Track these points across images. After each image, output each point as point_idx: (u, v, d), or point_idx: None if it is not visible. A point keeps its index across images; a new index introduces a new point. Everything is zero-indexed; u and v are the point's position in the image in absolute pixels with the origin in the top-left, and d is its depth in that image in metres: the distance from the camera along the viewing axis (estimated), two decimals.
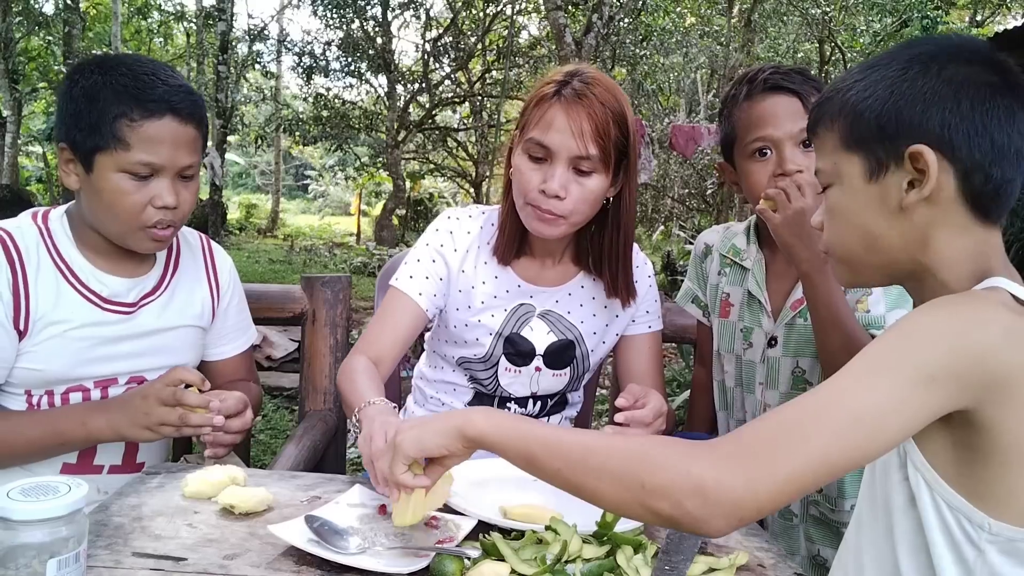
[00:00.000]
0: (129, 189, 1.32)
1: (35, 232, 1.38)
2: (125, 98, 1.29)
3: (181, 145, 1.34)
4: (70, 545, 0.80)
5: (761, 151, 1.47)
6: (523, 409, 1.63)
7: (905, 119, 0.86)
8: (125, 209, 1.33)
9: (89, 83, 1.31)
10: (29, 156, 22.34)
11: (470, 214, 1.62)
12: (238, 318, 1.65)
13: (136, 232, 1.36)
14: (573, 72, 1.43)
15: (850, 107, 0.90)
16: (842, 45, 13.56)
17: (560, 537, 0.99)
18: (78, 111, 1.31)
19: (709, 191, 13.87)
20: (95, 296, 1.39)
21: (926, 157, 0.84)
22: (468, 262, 1.57)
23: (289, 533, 0.99)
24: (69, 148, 1.34)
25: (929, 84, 0.86)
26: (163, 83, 1.33)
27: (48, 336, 1.35)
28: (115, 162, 1.31)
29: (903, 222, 0.88)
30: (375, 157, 18.67)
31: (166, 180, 1.34)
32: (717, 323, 1.68)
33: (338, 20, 16.07)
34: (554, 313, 1.58)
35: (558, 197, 1.39)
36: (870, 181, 0.89)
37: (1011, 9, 14.52)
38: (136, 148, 1.30)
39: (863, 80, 0.90)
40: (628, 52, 13.32)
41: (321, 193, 32.70)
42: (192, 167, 1.38)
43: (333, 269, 12.22)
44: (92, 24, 18.65)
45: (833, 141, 0.92)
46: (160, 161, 1.32)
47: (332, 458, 1.93)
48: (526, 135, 1.43)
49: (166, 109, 1.31)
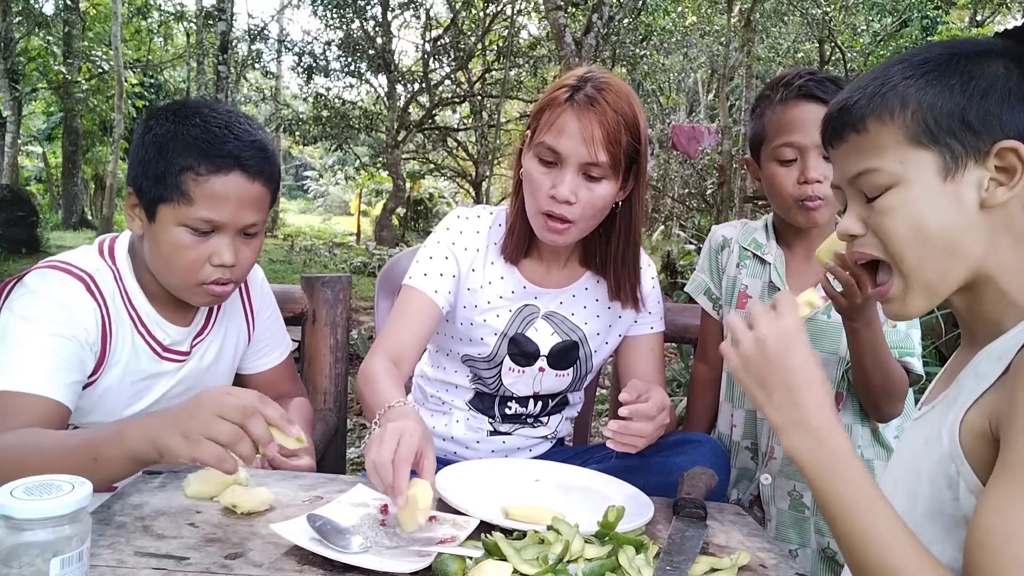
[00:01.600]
0: (188, 244, 1.29)
1: (110, 275, 1.35)
2: (194, 151, 1.26)
3: (246, 203, 1.31)
4: (73, 544, 0.80)
5: (786, 156, 1.51)
6: (524, 408, 1.63)
7: (992, 114, 0.83)
8: (182, 265, 1.30)
9: (162, 131, 1.29)
10: (29, 156, 22.34)
11: (479, 214, 1.62)
12: (273, 329, 1.65)
13: (192, 288, 1.33)
14: (586, 77, 1.43)
15: (918, 100, 0.85)
16: (842, 45, 13.55)
17: (562, 537, 0.99)
18: (147, 159, 1.29)
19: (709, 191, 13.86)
20: (158, 345, 1.40)
21: (1020, 153, 0.81)
22: (477, 261, 1.57)
23: (291, 532, 0.99)
24: (135, 194, 1.32)
25: (1008, 82, 0.83)
26: (235, 138, 1.29)
27: (112, 380, 1.34)
28: (177, 215, 1.28)
29: (979, 224, 0.84)
30: (375, 157, 18.67)
31: (227, 238, 1.31)
32: (732, 315, 1.70)
33: (338, 20, 16.07)
34: (558, 314, 1.58)
35: (568, 203, 1.40)
36: (945, 180, 0.84)
37: (1011, 9, 14.51)
38: (199, 204, 1.27)
39: (921, 76, 0.85)
40: (628, 52, 13.32)
41: (321, 193, 32.70)
42: (256, 225, 1.35)
43: (333, 269, 12.22)
44: (92, 24, 18.64)
45: (895, 137, 0.85)
46: (222, 219, 1.29)
47: (332, 458, 1.93)
48: (537, 139, 1.43)
49: (234, 165, 1.28)
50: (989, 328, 0.88)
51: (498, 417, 1.63)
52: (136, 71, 19.63)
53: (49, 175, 22.33)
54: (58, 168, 20.43)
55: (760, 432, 1.66)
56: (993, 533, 0.73)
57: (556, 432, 1.70)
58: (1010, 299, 0.85)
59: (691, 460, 1.37)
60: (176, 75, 22.68)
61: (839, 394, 1.59)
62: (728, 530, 1.19)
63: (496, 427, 1.64)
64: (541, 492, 1.28)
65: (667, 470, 1.38)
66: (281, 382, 1.66)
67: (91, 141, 20.19)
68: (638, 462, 1.48)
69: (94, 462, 1.07)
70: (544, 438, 1.69)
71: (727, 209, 10.97)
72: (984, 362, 0.85)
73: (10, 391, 1.19)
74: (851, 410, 1.59)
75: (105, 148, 20.24)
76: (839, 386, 1.58)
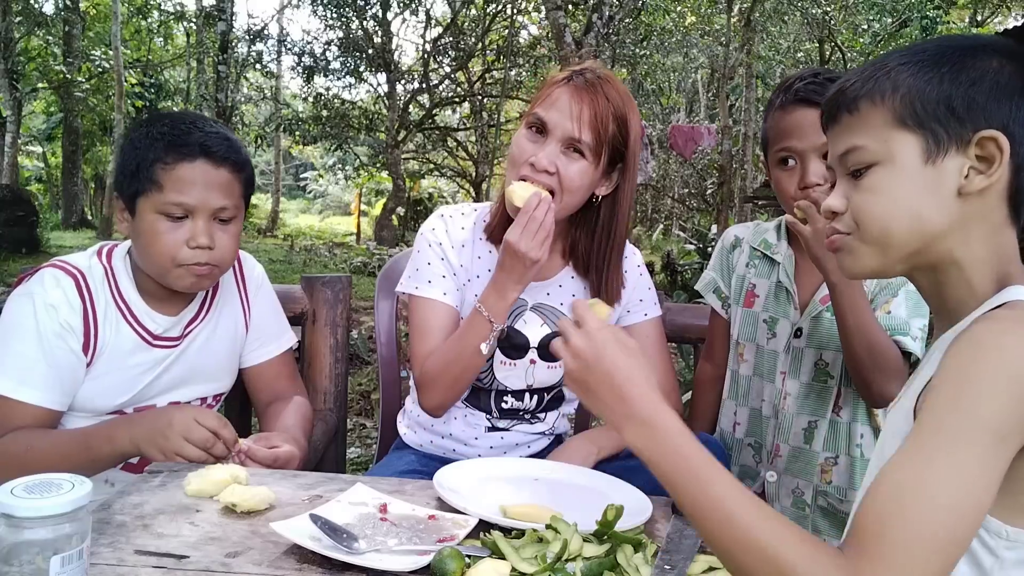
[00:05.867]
0: (164, 229, 1.39)
1: (101, 271, 1.47)
2: (161, 144, 1.39)
3: (213, 187, 1.40)
4: (73, 542, 0.80)
5: (786, 160, 1.53)
6: (520, 403, 1.64)
7: (978, 104, 0.84)
8: (160, 249, 1.40)
9: (136, 135, 1.43)
10: (29, 156, 22.34)
11: (463, 211, 1.65)
12: (270, 321, 1.68)
13: (173, 269, 1.41)
14: (590, 67, 1.49)
15: (908, 85, 0.87)
16: (842, 45, 13.56)
17: (560, 536, 0.99)
18: (124, 160, 1.42)
19: (709, 191, 13.87)
20: (147, 333, 1.48)
21: (1000, 143, 0.83)
22: (465, 257, 1.59)
23: (291, 531, 0.99)
24: (119, 195, 1.45)
25: (999, 76, 0.85)
26: (199, 131, 1.41)
27: (105, 368, 1.44)
28: (152, 204, 1.39)
29: (955, 209, 0.85)
30: (375, 157, 18.66)
31: (200, 221, 1.40)
32: (740, 312, 1.73)
33: (338, 20, 16.07)
34: (546, 305, 1.60)
35: (547, 172, 1.44)
36: (925, 162, 0.86)
37: (1011, 9, 14.52)
38: (168, 189, 1.38)
39: (915, 63, 0.88)
40: (628, 52, 13.32)
41: (321, 193, 32.68)
42: (227, 209, 1.43)
43: (333, 269, 12.22)
44: (92, 24, 18.65)
45: (883, 118, 0.88)
46: (192, 202, 1.39)
47: (332, 458, 1.93)
48: (530, 110, 1.49)
49: (199, 152, 1.39)
50: (952, 316, 0.90)
51: (495, 413, 1.64)
52: (136, 71, 19.63)
53: (49, 175, 22.34)
54: (58, 168, 20.43)
55: (764, 430, 1.66)
56: (887, 484, 0.75)
57: (553, 428, 1.71)
58: (974, 288, 0.87)
59: None
60: (176, 75, 22.69)
61: (839, 391, 1.59)
62: None
63: (494, 423, 1.65)
64: (540, 491, 1.28)
65: None
66: (279, 378, 1.68)
67: (91, 141, 20.19)
68: (637, 461, 1.48)
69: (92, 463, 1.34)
70: (542, 434, 1.69)
71: (727, 209, 10.99)
72: (938, 350, 0.87)
73: (4, 396, 1.36)
74: (850, 407, 1.60)
75: (105, 148, 20.25)
76: (843, 383, 1.59)
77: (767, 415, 1.66)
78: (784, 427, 1.63)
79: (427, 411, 1.57)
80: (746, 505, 0.79)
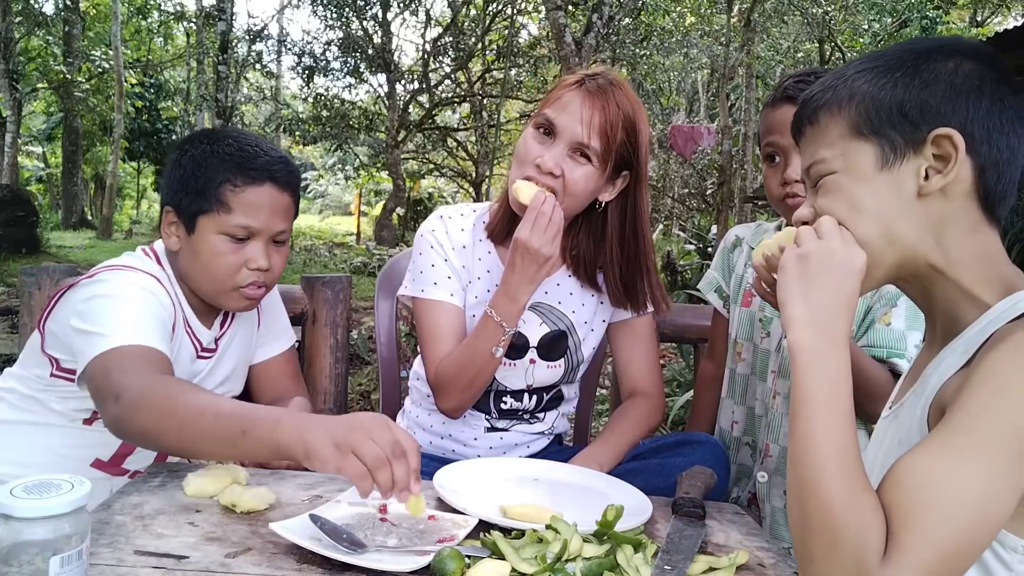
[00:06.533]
0: (226, 250, 1.40)
1: (166, 278, 1.45)
2: (230, 165, 1.39)
3: (278, 211, 1.43)
4: (73, 542, 0.80)
5: (772, 157, 1.55)
6: (519, 403, 1.64)
7: (931, 106, 0.84)
8: (221, 269, 1.40)
9: (198, 152, 1.41)
10: (29, 156, 22.34)
11: (461, 212, 1.65)
12: (275, 318, 1.69)
13: (229, 292, 1.43)
14: (603, 72, 1.49)
15: (863, 93, 0.87)
16: (842, 45, 13.56)
17: (560, 536, 0.99)
18: (185, 176, 1.41)
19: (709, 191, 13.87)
20: (200, 345, 1.49)
21: (954, 140, 0.83)
22: (466, 258, 1.59)
23: (291, 531, 0.99)
24: (174, 211, 1.43)
25: (954, 76, 0.85)
26: (265, 154, 1.42)
27: None
28: (216, 224, 1.39)
29: (917, 212, 0.85)
30: (375, 157, 18.65)
31: (260, 244, 1.42)
32: (738, 312, 1.74)
33: (338, 20, 16.06)
34: (545, 304, 1.60)
35: (552, 174, 1.43)
36: (882, 169, 0.86)
37: (1011, 9, 14.52)
38: (237, 212, 1.39)
39: (871, 70, 0.88)
40: (628, 52, 13.31)
41: (321, 193, 32.67)
42: (285, 232, 1.46)
43: (333, 269, 12.22)
44: (92, 24, 18.66)
45: (840, 129, 0.88)
46: (257, 225, 1.40)
47: None
48: (540, 111, 1.49)
49: (266, 177, 1.41)
50: (949, 322, 0.89)
51: (494, 413, 1.64)
52: (136, 71, 19.64)
53: (49, 175, 22.35)
54: (58, 168, 20.44)
55: (758, 429, 1.66)
56: (913, 473, 0.74)
57: (553, 428, 1.71)
58: (965, 291, 0.86)
59: (690, 461, 1.38)
60: (176, 75, 22.69)
61: None
62: (727, 529, 1.20)
63: (493, 423, 1.64)
64: (540, 491, 1.28)
65: (666, 471, 1.38)
66: (283, 377, 1.68)
67: (91, 141, 20.21)
68: (638, 463, 1.48)
69: (243, 435, 1.04)
70: (541, 434, 1.69)
71: (727, 209, 10.97)
72: (948, 357, 0.86)
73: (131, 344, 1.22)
74: None
75: (105, 148, 20.26)
76: None
77: (759, 414, 1.67)
78: (774, 426, 1.63)
79: (445, 413, 1.57)
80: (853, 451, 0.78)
